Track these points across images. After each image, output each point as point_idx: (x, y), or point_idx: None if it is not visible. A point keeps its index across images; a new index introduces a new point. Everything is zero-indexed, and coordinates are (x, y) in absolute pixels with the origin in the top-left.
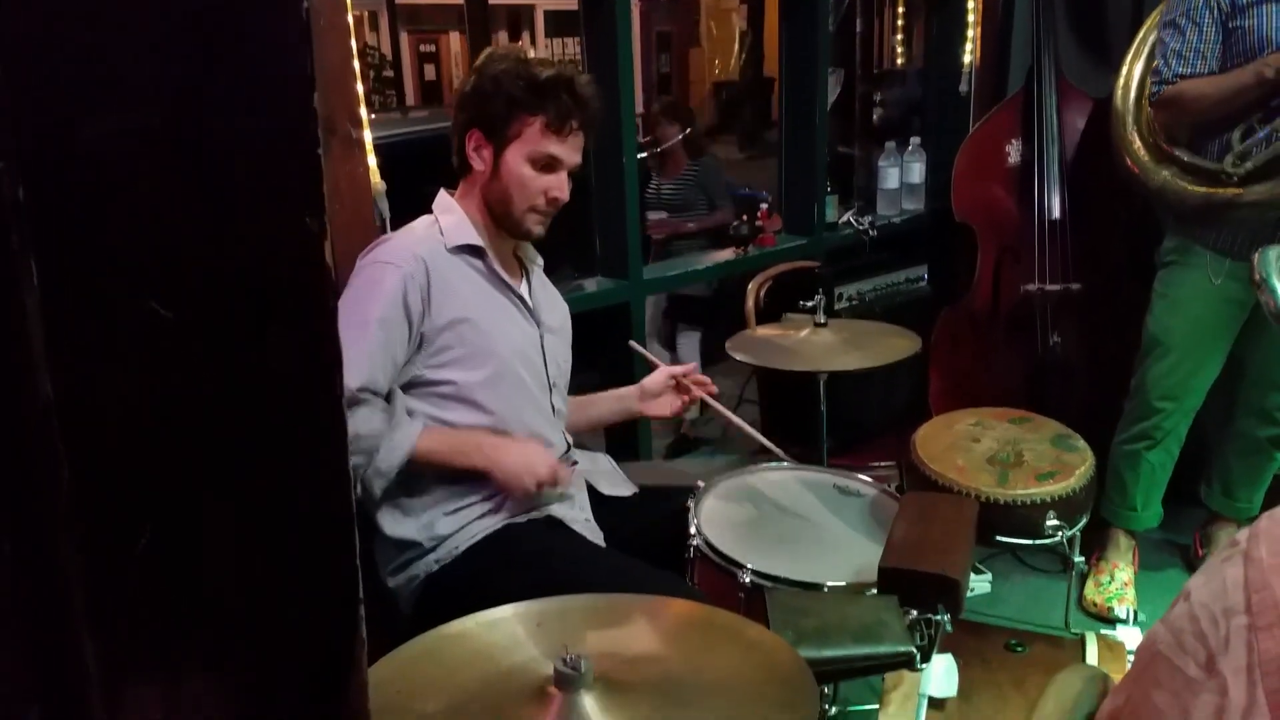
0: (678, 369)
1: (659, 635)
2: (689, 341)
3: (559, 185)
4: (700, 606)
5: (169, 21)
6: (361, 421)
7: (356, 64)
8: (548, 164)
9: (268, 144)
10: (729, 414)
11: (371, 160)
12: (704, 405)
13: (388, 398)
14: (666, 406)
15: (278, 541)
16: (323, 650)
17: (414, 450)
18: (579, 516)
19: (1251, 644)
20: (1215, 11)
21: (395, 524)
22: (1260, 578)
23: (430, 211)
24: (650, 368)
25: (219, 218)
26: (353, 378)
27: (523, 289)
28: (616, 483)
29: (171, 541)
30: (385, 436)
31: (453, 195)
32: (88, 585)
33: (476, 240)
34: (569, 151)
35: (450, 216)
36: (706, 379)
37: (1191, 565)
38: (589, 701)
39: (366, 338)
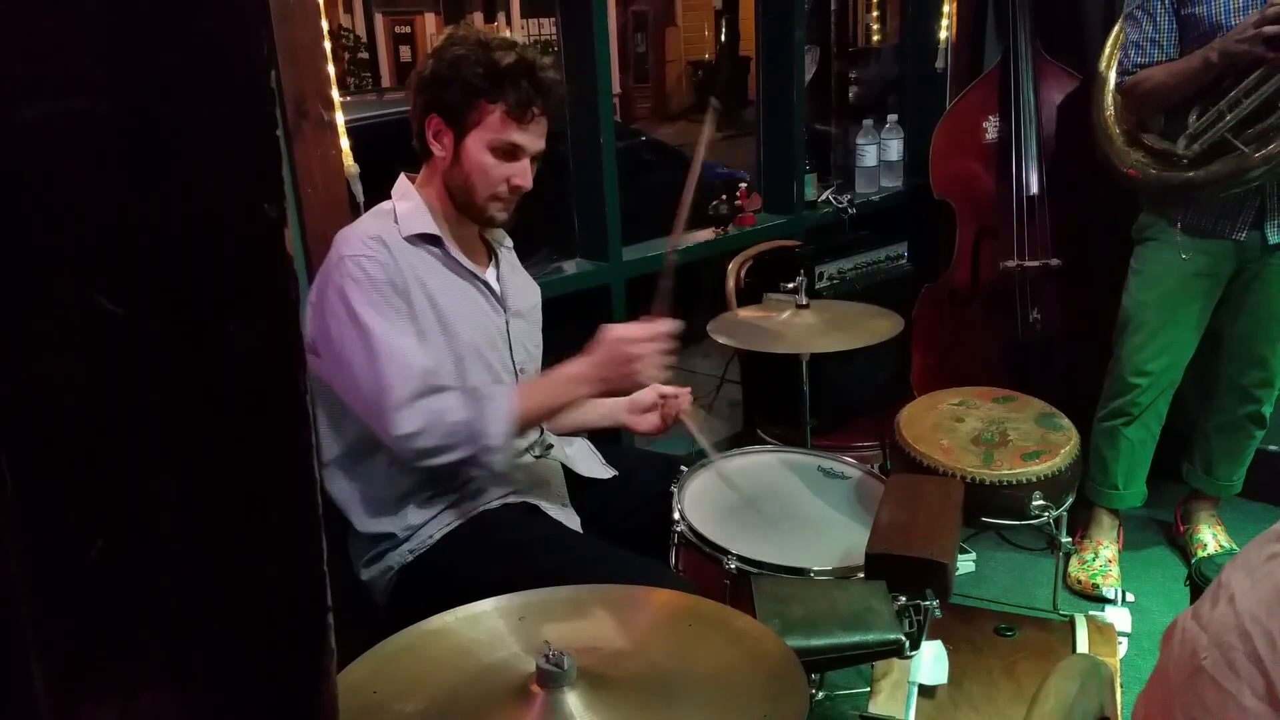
0: (669, 389)
1: (644, 628)
2: None
3: (521, 173)
4: (686, 596)
5: None
6: (450, 410)
7: (328, 44)
8: (509, 151)
9: (222, 127)
10: (697, 434)
11: (344, 142)
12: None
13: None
14: (650, 424)
15: (240, 550)
16: (289, 662)
17: (515, 418)
18: (555, 502)
19: None
20: (1167, 1)
21: (369, 520)
22: None
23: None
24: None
25: (171, 206)
26: (414, 369)
27: (489, 274)
28: (594, 465)
29: (125, 552)
30: (476, 420)
31: (413, 180)
32: (35, 601)
33: (432, 229)
34: (531, 139)
35: (406, 203)
36: (689, 405)
37: (1174, 542)
38: (573, 699)
39: (398, 330)
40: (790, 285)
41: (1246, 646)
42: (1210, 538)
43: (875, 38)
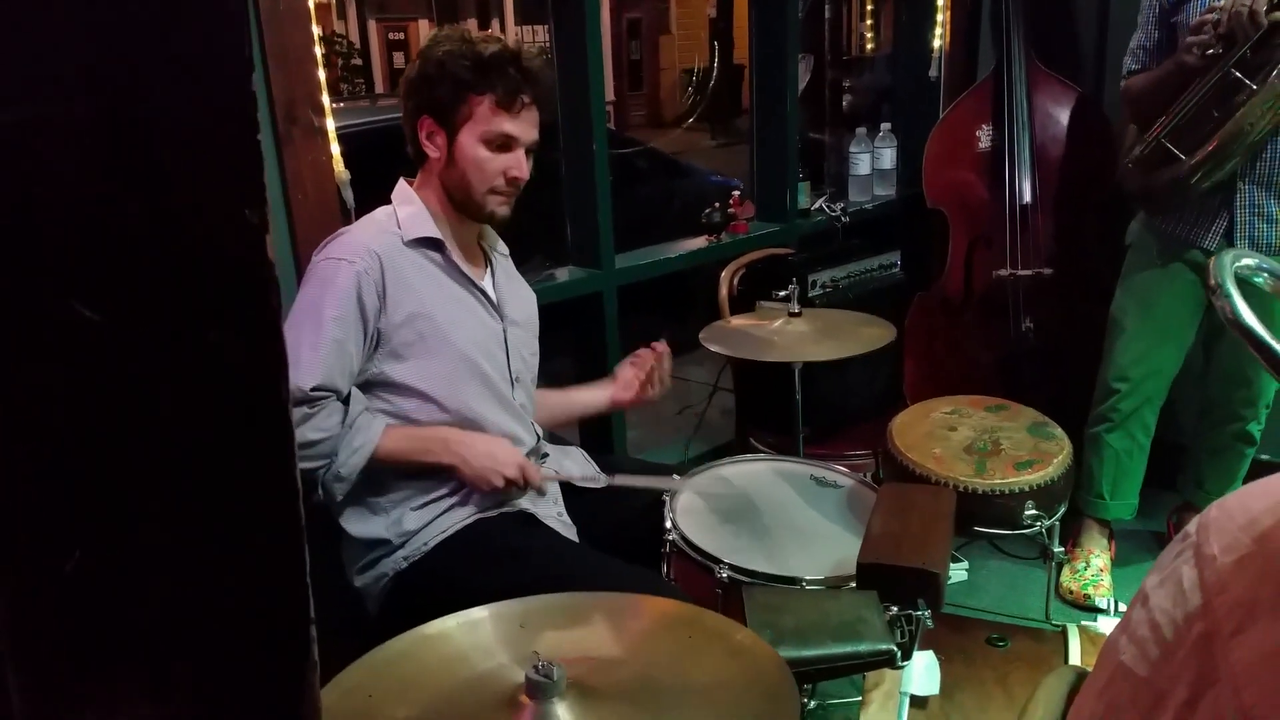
0: (640, 351)
1: (637, 637)
2: None
3: (517, 164)
4: (681, 605)
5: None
6: (318, 424)
7: (318, 50)
8: (503, 143)
9: (203, 131)
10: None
11: (335, 148)
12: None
13: (346, 398)
14: (631, 392)
15: (220, 562)
16: (270, 676)
17: (375, 452)
18: (551, 511)
19: (1219, 655)
20: (1157, 10)
21: (361, 524)
22: (1217, 580)
23: (390, 201)
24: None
25: (149, 212)
26: (307, 378)
27: (485, 282)
28: (589, 474)
29: (102, 564)
30: (343, 439)
31: (412, 184)
32: (9, 614)
33: (434, 233)
34: (524, 128)
35: (408, 208)
36: (664, 351)
37: None
38: (561, 710)
39: (321, 337)
40: (783, 293)
41: (1156, 636)
42: None
43: (869, 46)
